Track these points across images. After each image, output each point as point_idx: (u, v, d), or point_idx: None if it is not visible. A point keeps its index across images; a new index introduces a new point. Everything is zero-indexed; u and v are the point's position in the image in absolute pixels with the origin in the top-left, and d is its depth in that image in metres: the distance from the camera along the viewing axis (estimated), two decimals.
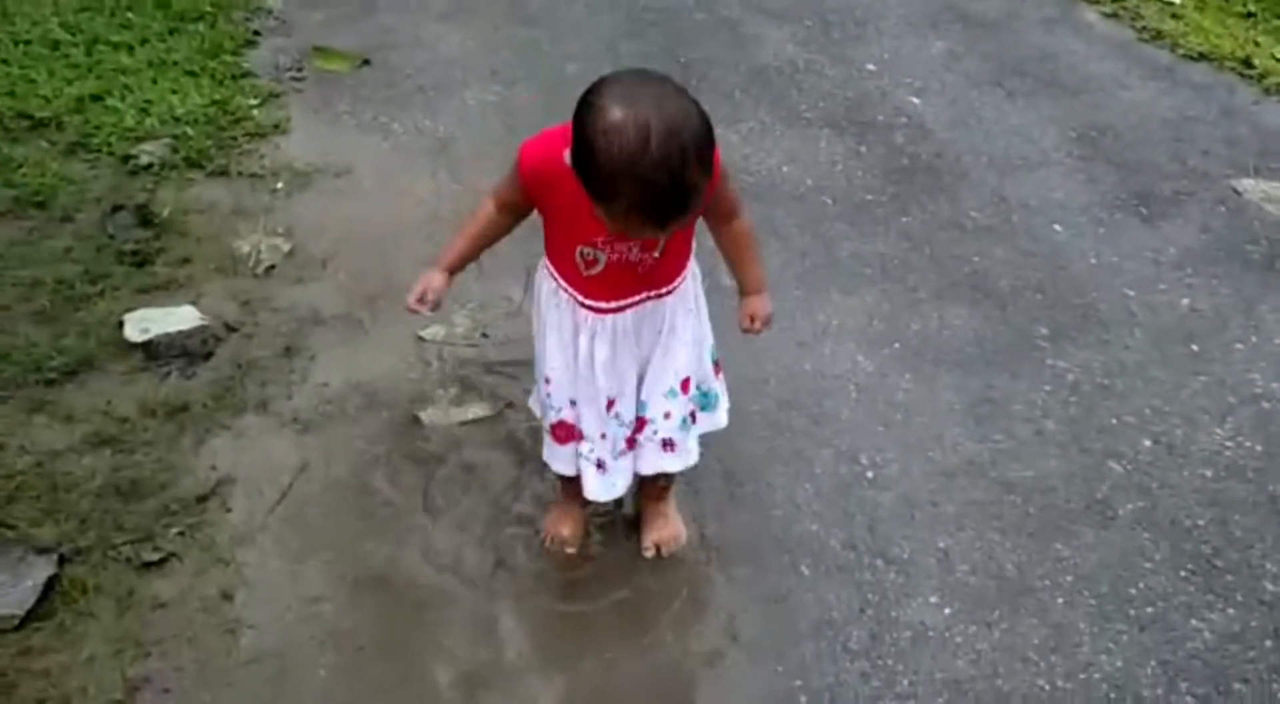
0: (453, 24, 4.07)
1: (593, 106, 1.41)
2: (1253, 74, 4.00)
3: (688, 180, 1.40)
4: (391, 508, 2.14)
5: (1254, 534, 2.19)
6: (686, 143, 1.38)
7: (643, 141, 1.36)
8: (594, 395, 1.80)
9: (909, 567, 2.08)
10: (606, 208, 1.46)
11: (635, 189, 1.39)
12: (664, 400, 1.84)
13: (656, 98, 1.40)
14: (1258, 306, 2.82)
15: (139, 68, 3.49)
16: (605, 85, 1.43)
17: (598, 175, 1.41)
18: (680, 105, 1.41)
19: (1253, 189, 3.33)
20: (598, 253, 1.67)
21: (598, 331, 1.75)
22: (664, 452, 1.89)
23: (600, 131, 1.38)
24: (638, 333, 1.77)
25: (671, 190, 1.39)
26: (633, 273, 1.70)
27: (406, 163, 3.22)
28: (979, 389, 2.51)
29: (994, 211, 3.15)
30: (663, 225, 1.46)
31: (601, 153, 1.38)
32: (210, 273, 2.71)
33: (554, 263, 1.75)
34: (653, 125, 1.36)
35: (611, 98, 1.40)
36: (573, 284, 1.73)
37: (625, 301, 1.73)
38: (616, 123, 1.37)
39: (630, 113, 1.37)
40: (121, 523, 2.03)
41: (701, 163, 1.41)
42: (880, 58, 3.99)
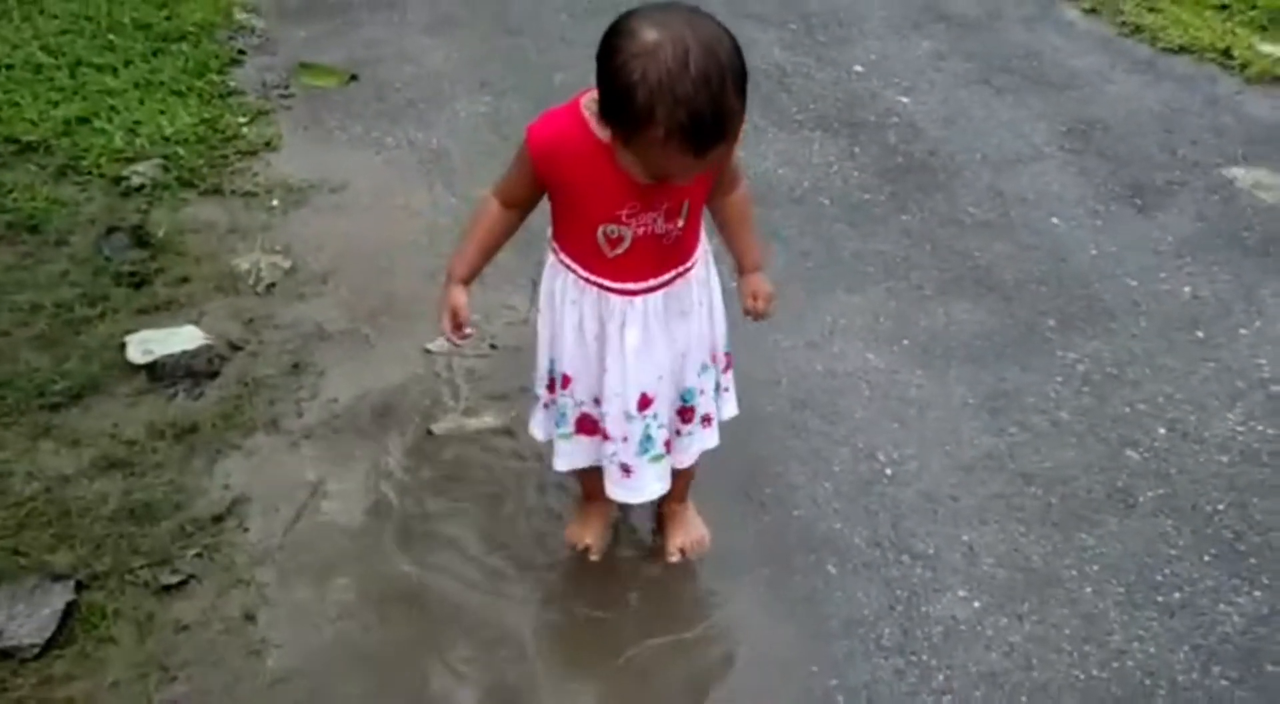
0: (438, 37, 4.05)
1: (622, 33, 1.36)
2: (1233, 65, 4.04)
3: (727, 103, 1.35)
4: (410, 521, 2.11)
5: (1274, 517, 2.20)
6: (725, 62, 1.34)
7: (681, 60, 1.31)
8: (621, 391, 1.72)
9: (935, 562, 2.07)
10: (641, 139, 1.37)
11: (675, 110, 1.32)
12: (698, 378, 1.79)
13: (689, 20, 1.35)
14: (1258, 291, 2.84)
15: (125, 89, 3.45)
16: (633, 15, 1.38)
17: (632, 102, 1.33)
18: (714, 27, 1.37)
19: (1243, 177, 3.36)
20: (622, 229, 1.59)
21: (628, 316, 1.66)
22: (704, 429, 1.85)
23: (634, 54, 1.33)
24: (669, 315, 1.70)
25: (712, 112, 1.33)
26: (658, 246, 1.63)
27: (401, 176, 3.20)
28: (991, 382, 2.51)
29: (991, 207, 3.16)
30: (703, 153, 1.38)
31: (637, 75, 1.32)
32: (210, 292, 2.67)
33: (571, 252, 1.67)
34: (690, 44, 1.32)
35: (642, 23, 1.35)
36: (597, 270, 1.65)
37: (657, 279, 1.66)
38: (651, 43, 1.32)
39: (666, 33, 1.33)
40: (137, 546, 1.99)
41: (739, 87, 1.36)
42: (867, 59, 4.00)
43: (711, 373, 1.83)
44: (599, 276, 1.65)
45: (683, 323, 1.73)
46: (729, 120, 1.37)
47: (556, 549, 2.07)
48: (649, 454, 1.79)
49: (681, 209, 1.61)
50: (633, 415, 1.74)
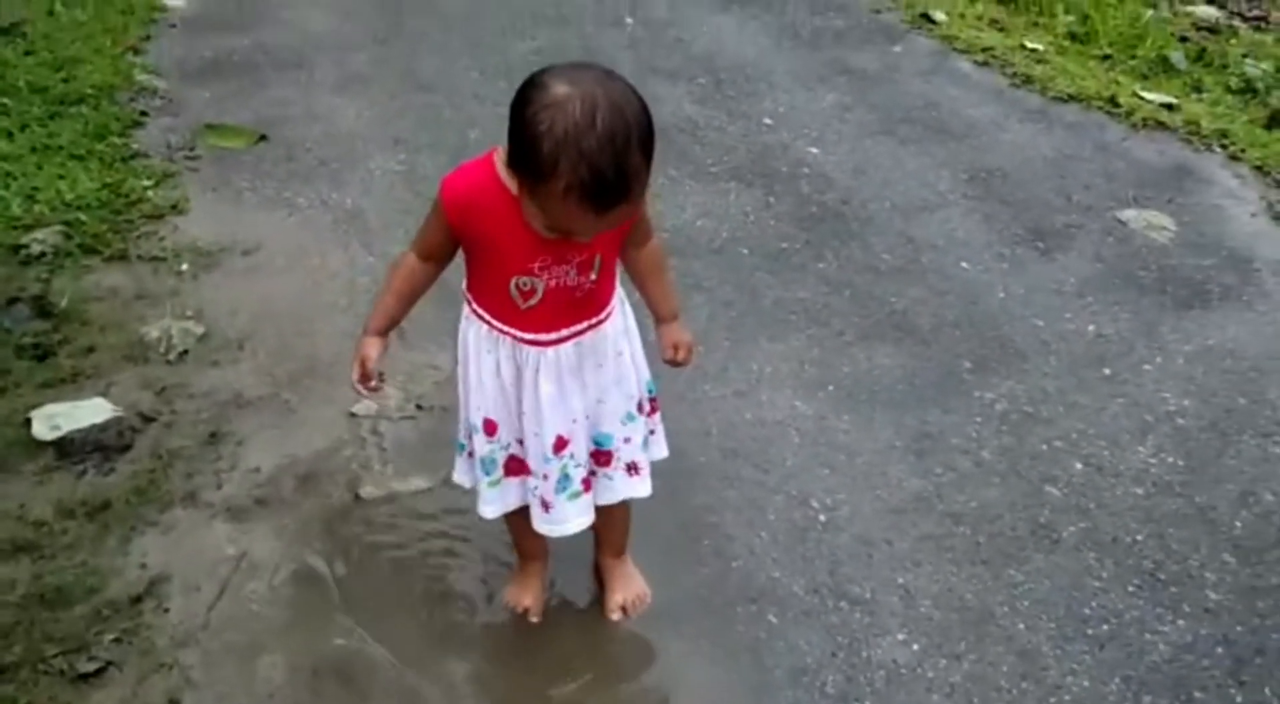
0: (347, 95, 4.02)
1: (535, 86, 1.39)
2: (1119, 112, 4.26)
3: (631, 162, 1.37)
4: (339, 592, 2.05)
5: (1189, 546, 2.28)
6: (631, 122, 1.37)
7: (588, 116, 1.34)
8: (539, 432, 1.73)
9: (873, 606, 2.09)
10: (544, 190, 1.39)
11: (578, 165, 1.34)
12: (622, 427, 1.80)
13: (601, 80, 1.38)
14: (1158, 328, 2.97)
15: (21, 154, 3.34)
16: (548, 71, 1.41)
17: (538, 152, 1.36)
18: (624, 89, 1.40)
19: (1135, 219, 3.52)
20: (534, 281, 1.60)
21: (541, 366, 1.68)
22: (630, 476, 1.84)
23: (543, 106, 1.35)
24: (582, 365, 1.71)
25: (614, 170, 1.36)
26: (571, 298, 1.64)
27: (315, 237, 3.15)
28: (915, 425, 2.56)
29: (903, 253, 3.25)
30: (604, 211, 1.40)
31: (544, 127, 1.35)
32: (119, 361, 2.58)
33: (485, 304, 1.68)
34: (599, 101, 1.35)
35: (555, 78, 1.38)
36: (509, 321, 1.66)
37: (569, 330, 1.68)
38: (561, 97, 1.35)
39: (577, 89, 1.35)
40: (50, 634, 1.88)
41: (644, 147, 1.39)
42: (775, 112, 4.10)
43: (639, 423, 1.83)
44: (512, 327, 1.67)
45: (597, 373, 1.74)
46: (631, 179, 1.39)
47: (493, 611, 2.03)
48: (567, 492, 1.79)
49: (594, 262, 1.63)
50: (549, 457, 1.75)
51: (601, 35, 4.73)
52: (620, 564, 2.05)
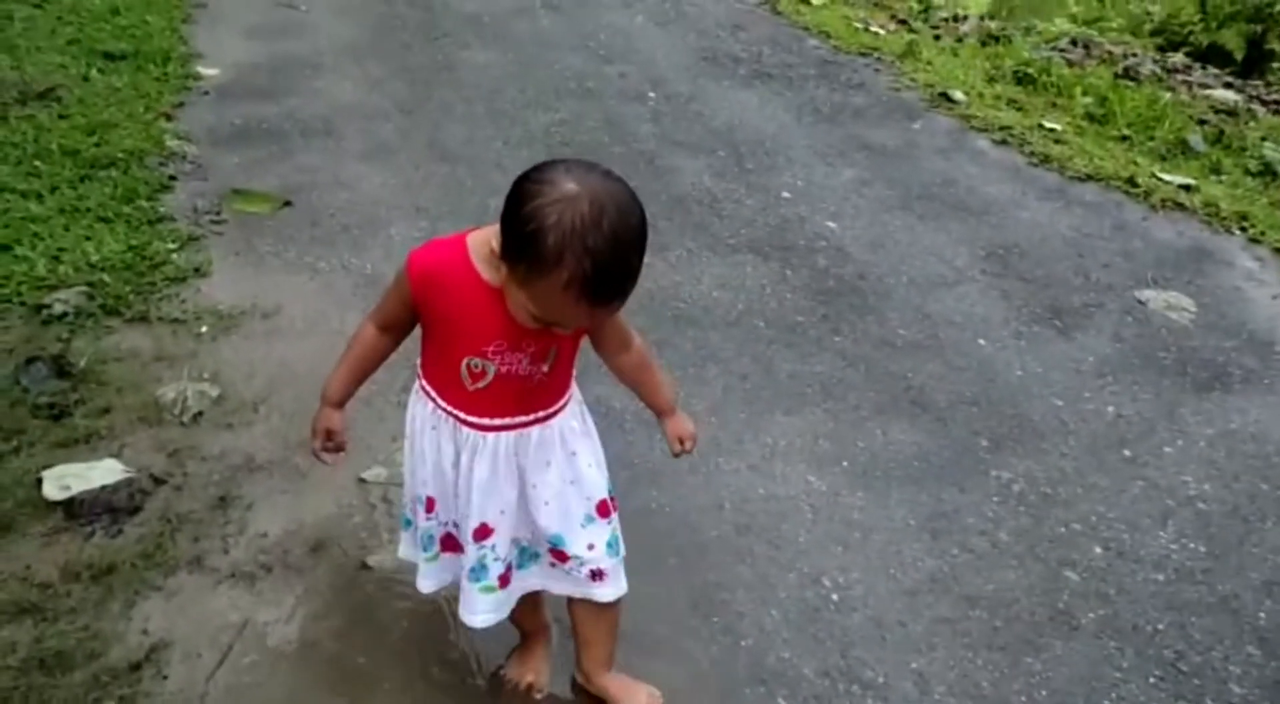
0: (373, 164, 4.09)
1: (542, 180, 1.40)
2: (1138, 192, 4.27)
3: (631, 263, 1.41)
4: (344, 662, 2.01)
5: (1212, 636, 2.22)
6: (635, 225, 1.40)
7: (596, 213, 1.36)
8: (467, 517, 1.71)
9: (886, 691, 2.04)
10: (542, 281, 1.40)
11: (582, 260, 1.36)
12: (582, 532, 1.76)
13: (604, 179, 1.42)
14: (1179, 410, 2.93)
15: (49, 215, 3.39)
16: (552, 166, 1.43)
17: (542, 244, 1.37)
18: (625, 189, 1.43)
19: (1155, 299, 3.51)
20: (486, 364, 1.60)
21: (479, 449, 1.67)
22: (593, 582, 1.80)
23: (552, 200, 1.37)
24: (520, 457, 1.69)
25: (617, 268, 1.39)
26: (520, 388, 1.64)
27: (335, 301, 3.17)
28: (931, 503, 2.52)
29: (920, 328, 3.24)
30: (599, 306, 1.43)
31: (552, 220, 1.36)
32: (133, 423, 2.58)
33: (434, 381, 1.69)
34: (606, 202, 1.38)
35: (562, 174, 1.40)
36: (454, 401, 1.66)
37: (509, 420, 1.67)
38: (570, 193, 1.37)
39: (585, 188, 1.38)
40: (47, 700, 1.86)
41: (641, 251, 1.43)
42: (794, 185, 4.14)
43: (602, 528, 1.79)
44: (456, 408, 1.66)
45: (544, 471, 1.72)
46: (630, 279, 1.43)
47: (498, 687, 1.99)
48: (480, 583, 1.76)
49: (548, 354, 1.63)
50: (468, 542, 1.73)
51: (624, 108, 4.80)
52: (615, 677, 1.96)
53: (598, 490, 1.78)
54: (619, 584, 1.83)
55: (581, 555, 1.78)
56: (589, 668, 1.95)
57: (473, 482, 1.69)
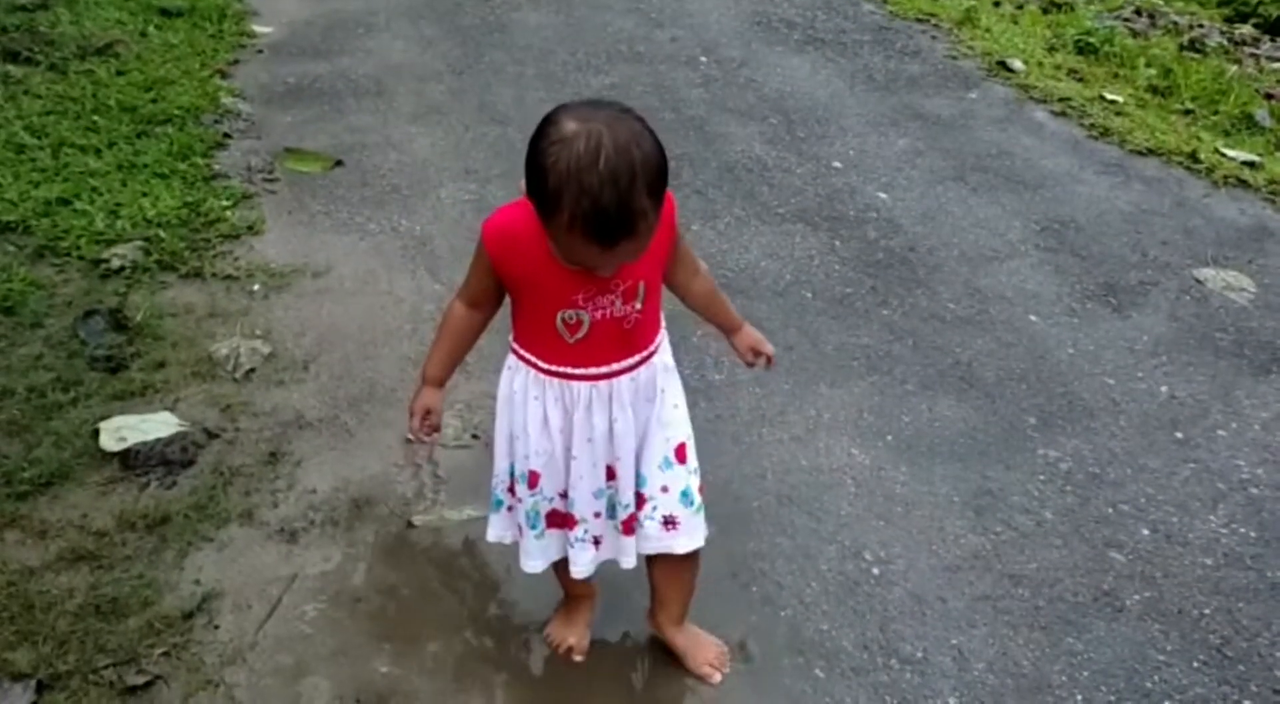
0: (423, 125, 4.10)
1: (549, 121, 1.42)
2: (1199, 168, 4.16)
3: (634, 202, 1.39)
4: (388, 617, 2.05)
5: (1259, 622, 2.19)
6: (636, 162, 1.38)
7: (592, 153, 1.36)
8: (591, 471, 1.73)
9: (924, 666, 2.04)
10: (551, 223, 1.43)
11: (579, 200, 1.37)
12: (659, 473, 1.77)
13: (611, 117, 1.40)
14: (1234, 392, 2.88)
15: (107, 171, 3.45)
16: (564, 107, 1.44)
17: (544, 186, 1.39)
18: (634, 127, 1.41)
19: (1213, 278, 3.43)
20: (580, 313, 1.61)
21: (595, 402, 1.68)
22: (665, 530, 1.79)
23: (551, 142, 1.39)
24: (635, 400, 1.71)
25: (616, 207, 1.38)
26: (618, 331, 1.65)
27: (385, 262, 3.19)
28: (975, 480, 2.50)
29: (970, 303, 3.20)
30: (608, 244, 1.42)
31: (550, 161, 1.38)
32: (187, 377, 2.63)
33: (531, 345, 1.68)
34: (603, 139, 1.37)
35: (568, 114, 1.41)
36: (557, 359, 1.66)
37: (616, 365, 1.68)
38: (568, 134, 1.38)
39: (583, 127, 1.38)
40: (103, 644, 1.92)
41: (650, 189, 1.41)
42: (845, 155, 4.08)
43: (678, 473, 1.78)
44: (561, 365, 1.66)
45: (642, 405, 1.74)
46: (635, 217, 1.40)
47: (538, 647, 2.02)
48: (614, 521, 1.79)
49: (638, 290, 1.63)
50: (601, 489, 1.76)
51: (675, 73, 4.76)
52: (685, 630, 1.99)
53: (678, 432, 1.78)
54: (695, 536, 1.81)
55: (656, 498, 1.78)
56: (661, 621, 1.98)
57: (594, 434, 1.70)
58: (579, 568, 1.82)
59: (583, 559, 1.81)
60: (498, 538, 1.88)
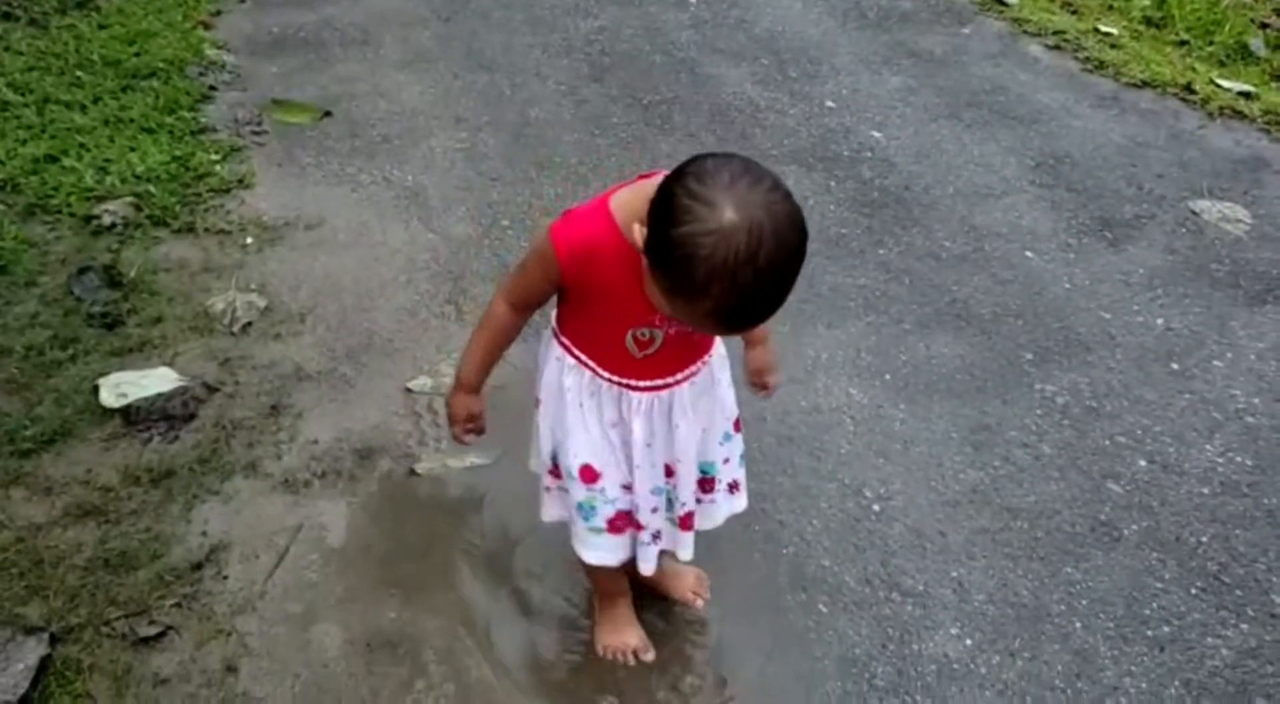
0: (411, 73, 4.04)
1: (697, 198, 1.24)
2: (1195, 100, 4.13)
3: (782, 294, 1.29)
4: (395, 564, 2.07)
5: (1256, 549, 2.22)
6: (792, 255, 1.27)
7: (752, 250, 1.22)
8: (651, 471, 1.68)
9: (926, 599, 2.07)
10: (684, 301, 1.30)
11: (729, 295, 1.25)
12: (720, 449, 1.76)
13: (769, 199, 1.25)
14: (1229, 323, 2.89)
15: (94, 126, 3.41)
16: (711, 173, 1.26)
17: (690, 273, 1.25)
18: (791, 210, 1.27)
19: (1209, 210, 3.42)
20: (655, 332, 1.53)
21: (655, 409, 1.62)
22: (731, 495, 1.82)
23: (706, 231, 1.23)
24: (695, 401, 1.66)
25: (765, 303, 1.29)
26: (688, 343, 1.59)
27: (378, 213, 3.17)
28: (973, 416, 2.52)
29: (966, 240, 3.19)
30: (736, 330, 1.38)
31: (704, 253, 1.23)
32: (185, 332, 2.63)
33: (592, 352, 1.59)
34: (766, 233, 1.23)
35: (722, 192, 1.24)
36: (620, 371, 1.59)
37: (684, 373, 1.62)
38: (727, 225, 1.22)
39: (744, 216, 1.22)
40: (113, 597, 1.94)
41: (794, 277, 1.29)
42: (838, 94, 4.05)
43: (735, 441, 1.79)
44: (624, 377, 1.60)
45: (704, 400, 1.69)
46: (776, 308, 1.31)
47: (545, 589, 2.04)
48: (670, 514, 1.75)
49: None
50: (660, 488, 1.71)
51: (664, 14, 4.69)
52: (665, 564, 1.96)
53: (734, 408, 1.76)
54: (744, 495, 1.85)
55: (720, 472, 1.78)
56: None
57: (655, 436, 1.64)
58: (648, 565, 1.77)
59: (651, 556, 1.77)
60: (551, 518, 1.83)
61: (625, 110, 3.78)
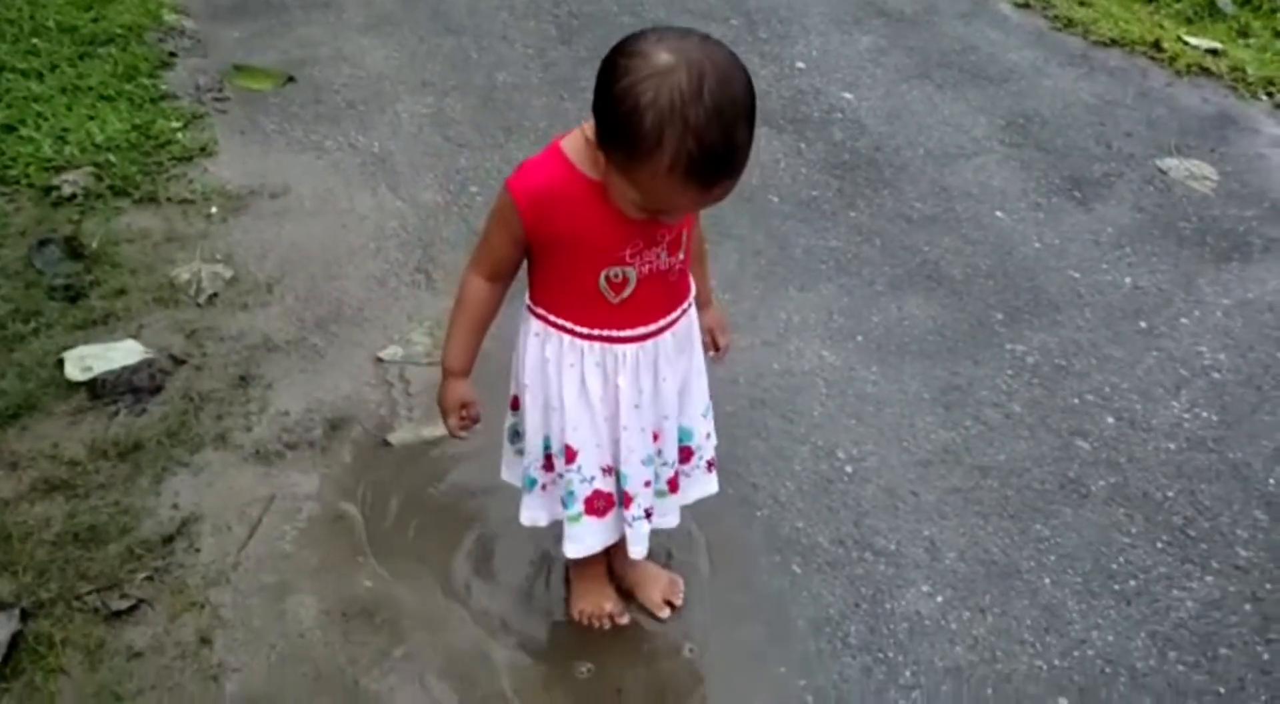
0: (376, 36, 3.98)
1: (633, 53, 1.26)
2: (1163, 58, 4.14)
3: (739, 135, 1.27)
4: (369, 534, 2.07)
5: (1221, 503, 2.25)
6: (738, 92, 1.26)
7: (695, 86, 1.22)
8: (640, 438, 1.63)
9: (898, 558, 2.09)
10: (644, 167, 1.27)
11: (684, 139, 1.23)
12: (703, 421, 1.73)
13: (704, 47, 1.27)
14: (1196, 281, 2.91)
15: (51, 95, 3.33)
16: (644, 36, 1.28)
17: (639, 126, 1.24)
18: (729, 55, 1.28)
19: (1177, 168, 3.44)
20: (626, 270, 1.49)
21: (640, 363, 1.57)
22: (708, 473, 1.80)
23: (645, 75, 1.23)
24: (676, 354, 1.63)
25: (723, 143, 1.25)
26: (664, 284, 1.54)
27: (344, 180, 3.13)
28: (944, 377, 2.53)
29: (937, 201, 3.20)
30: (709, 186, 1.29)
31: (648, 97, 1.23)
32: (149, 304, 2.59)
33: (566, 309, 1.55)
34: (706, 71, 1.23)
35: (656, 45, 1.26)
36: (600, 321, 1.54)
37: (666, 320, 1.58)
38: (665, 66, 1.23)
39: (681, 57, 1.23)
40: (84, 571, 1.92)
41: (749, 120, 1.28)
42: (809, 55, 4.02)
43: (711, 416, 1.77)
44: (604, 328, 1.55)
45: (681, 358, 1.65)
46: (739, 153, 1.29)
47: (520, 555, 2.05)
48: (656, 488, 1.72)
49: (681, 238, 1.52)
50: (650, 456, 1.67)
51: None
52: (636, 564, 1.93)
53: (706, 375, 1.74)
54: (715, 477, 1.83)
55: (702, 446, 1.76)
56: (614, 554, 1.88)
57: (642, 398, 1.60)
58: (638, 547, 1.72)
59: (641, 536, 1.71)
60: (531, 521, 1.77)
61: (594, 73, 3.72)
